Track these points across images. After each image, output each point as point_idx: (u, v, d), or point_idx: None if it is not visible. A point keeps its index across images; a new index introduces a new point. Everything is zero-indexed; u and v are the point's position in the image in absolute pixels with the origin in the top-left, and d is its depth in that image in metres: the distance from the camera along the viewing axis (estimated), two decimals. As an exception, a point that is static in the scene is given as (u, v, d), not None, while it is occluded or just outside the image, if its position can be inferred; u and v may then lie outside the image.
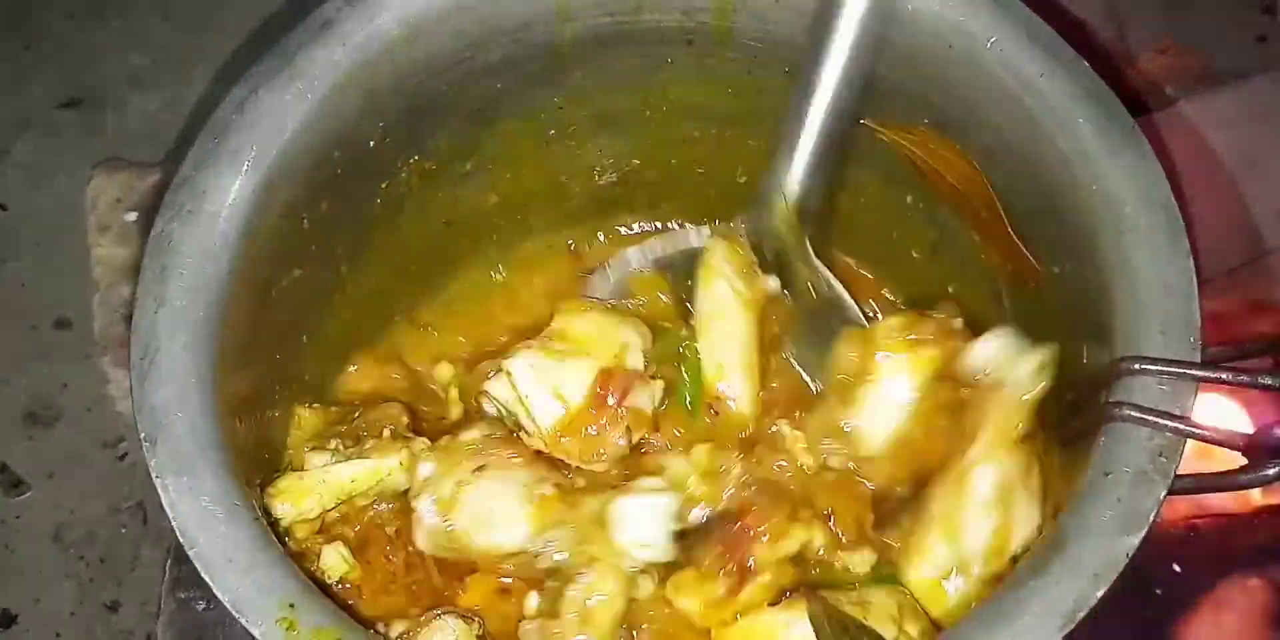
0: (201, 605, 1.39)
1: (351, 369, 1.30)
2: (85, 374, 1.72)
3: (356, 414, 1.20)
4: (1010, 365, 1.09)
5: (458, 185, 1.30)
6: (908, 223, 1.29)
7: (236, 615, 0.90)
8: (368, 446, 1.14)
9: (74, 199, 1.79)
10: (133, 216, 1.75)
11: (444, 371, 1.29)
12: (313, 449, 1.13)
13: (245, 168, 1.04)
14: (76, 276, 1.74)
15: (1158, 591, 1.43)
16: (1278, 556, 1.48)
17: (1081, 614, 0.88)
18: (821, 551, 1.15)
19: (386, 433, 1.16)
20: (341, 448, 1.14)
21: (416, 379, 1.31)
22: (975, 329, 1.15)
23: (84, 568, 1.63)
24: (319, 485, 1.10)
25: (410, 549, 1.16)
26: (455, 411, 1.25)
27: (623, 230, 1.44)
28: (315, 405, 1.22)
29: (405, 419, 1.21)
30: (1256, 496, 1.50)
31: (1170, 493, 0.92)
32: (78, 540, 1.65)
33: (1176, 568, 1.44)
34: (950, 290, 1.29)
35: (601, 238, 1.43)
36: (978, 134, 1.14)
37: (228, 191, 1.03)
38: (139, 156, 1.83)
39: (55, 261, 1.79)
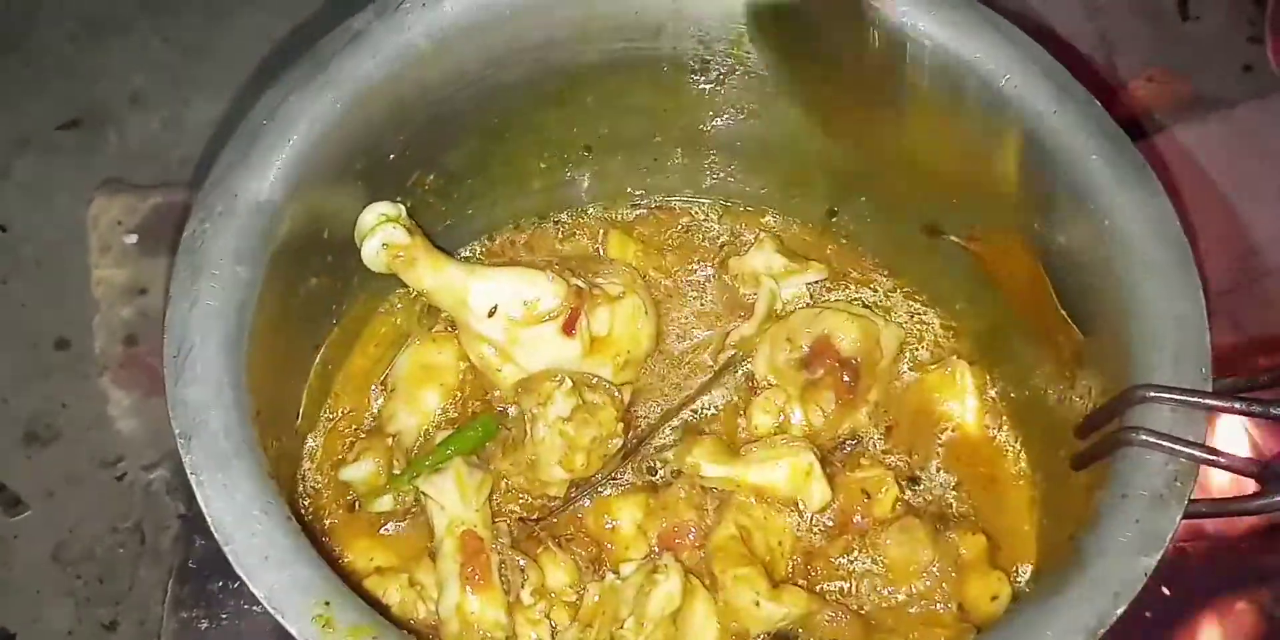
0: (204, 625, 1.39)
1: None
2: (85, 394, 1.71)
3: None
4: None
5: (469, 201, 1.31)
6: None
7: (273, 612, 0.90)
8: None
9: (74, 219, 1.79)
10: (133, 238, 1.75)
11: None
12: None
13: (275, 172, 1.06)
14: (77, 297, 1.75)
15: (1147, 614, 1.44)
16: (1266, 580, 1.49)
17: (1102, 631, 0.90)
18: None
19: None
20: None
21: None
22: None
23: (82, 586, 1.63)
24: None
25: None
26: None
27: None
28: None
29: None
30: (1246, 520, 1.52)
31: (1185, 516, 0.95)
32: (76, 559, 1.64)
33: (1166, 590, 1.46)
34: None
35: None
36: (992, 169, 1.16)
37: (257, 195, 1.05)
38: (139, 177, 1.83)
39: (56, 282, 1.78)
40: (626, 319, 1.24)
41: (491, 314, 1.19)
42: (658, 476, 1.25)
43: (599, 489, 1.23)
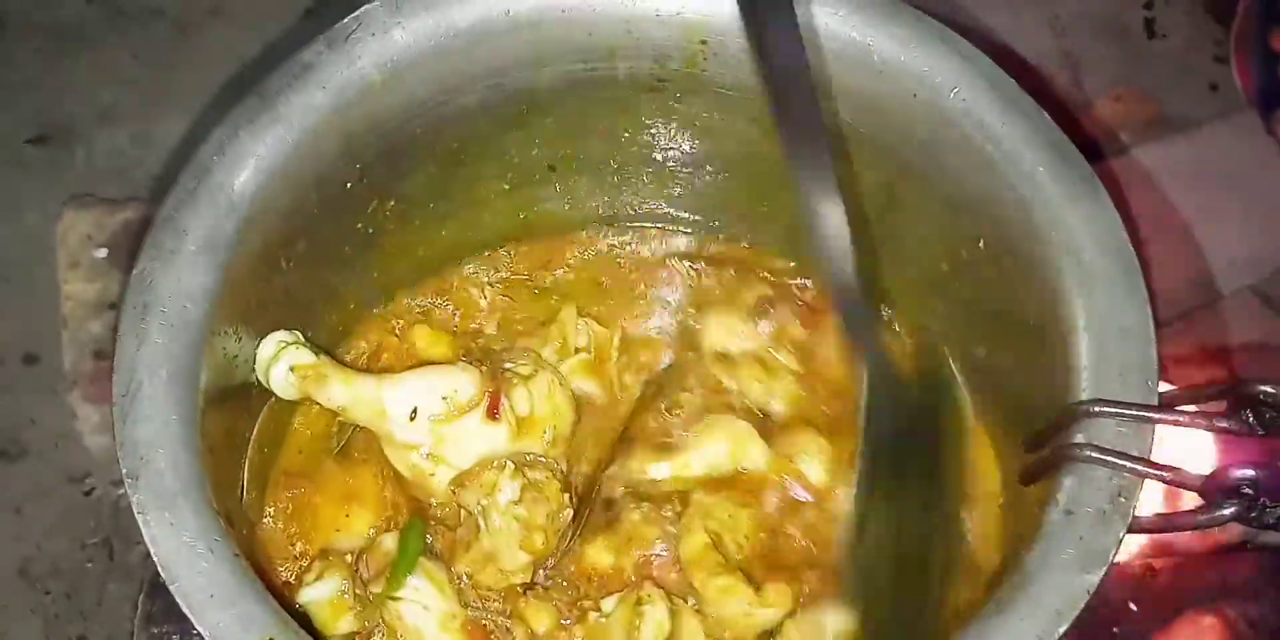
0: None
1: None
2: (53, 409, 1.71)
3: None
4: None
5: (431, 227, 1.31)
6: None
7: (217, 650, 0.90)
8: None
9: (43, 234, 1.79)
10: (103, 253, 1.75)
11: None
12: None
13: (225, 208, 1.06)
14: (45, 312, 1.74)
15: (1114, 630, 1.45)
16: (1232, 595, 1.50)
17: (1045, 650, 0.90)
18: None
19: None
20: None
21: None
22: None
23: (50, 602, 1.63)
24: None
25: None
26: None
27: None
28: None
29: None
30: (1213, 535, 1.52)
31: (1129, 531, 0.95)
32: (44, 575, 1.64)
33: (1133, 606, 1.46)
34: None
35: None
36: (940, 181, 1.17)
37: (208, 232, 1.05)
38: (108, 192, 1.83)
39: (24, 297, 1.78)
40: (544, 395, 1.23)
41: (413, 417, 1.17)
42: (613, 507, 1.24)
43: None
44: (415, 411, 1.17)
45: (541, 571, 1.21)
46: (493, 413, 1.18)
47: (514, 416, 1.20)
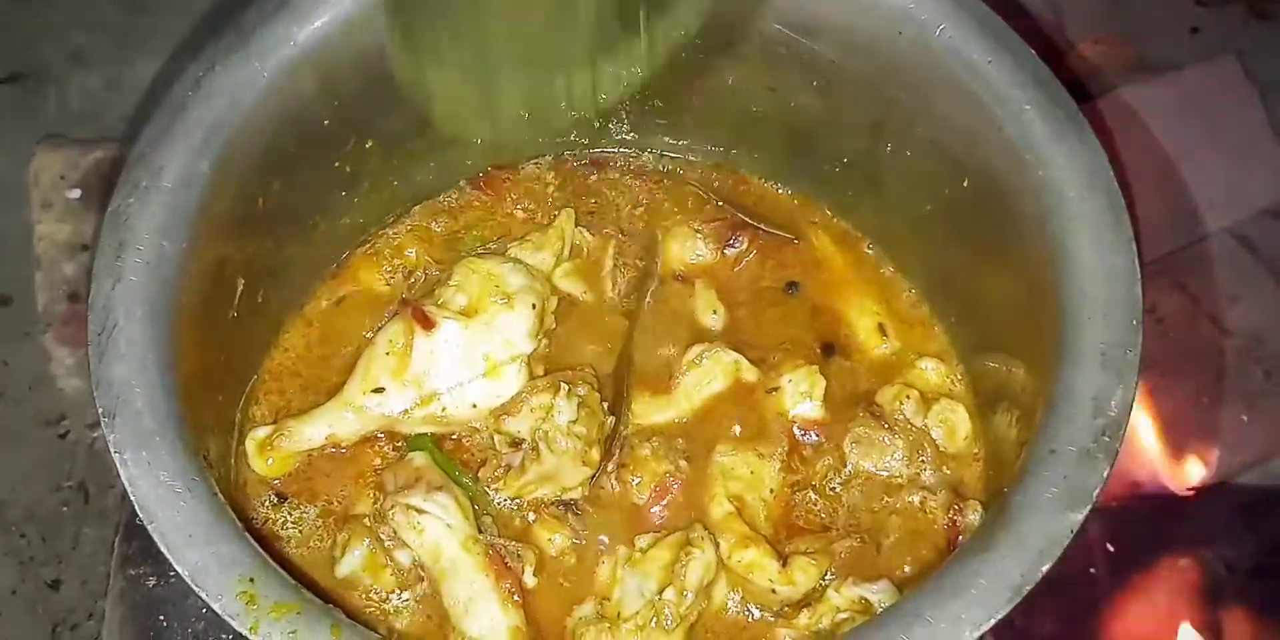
0: (152, 582, 1.39)
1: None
2: (27, 351, 1.70)
3: None
4: None
5: (409, 165, 1.30)
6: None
7: (196, 589, 0.90)
8: None
9: (15, 176, 1.77)
10: (76, 193, 1.73)
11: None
12: None
13: (201, 145, 1.05)
14: (18, 253, 1.73)
15: (1091, 570, 1.45)
16: (1208, 537, 1.51)
17: (1029, 588, 0.90)
18: None
19: None
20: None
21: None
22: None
23: (25, 546, 1.62)
24: None
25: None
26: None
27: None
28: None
29: None
30: (1189, 480, 1.53)
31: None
32: (18, 518, 1.63)
33: (1110, 547, 1.47)
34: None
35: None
36: (926, 119, 1.16)
37: (183, 169, 1.04)
38: (80, 133, 1.81)
39: (-4, 238, 1.77)
40: (477, 283, 1.22)
41: (380, 390, 1.19)
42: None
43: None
44: (378, 388, 1.18)
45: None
46: (425, 323, 1.18)
47: (453, 309, 1.19)
